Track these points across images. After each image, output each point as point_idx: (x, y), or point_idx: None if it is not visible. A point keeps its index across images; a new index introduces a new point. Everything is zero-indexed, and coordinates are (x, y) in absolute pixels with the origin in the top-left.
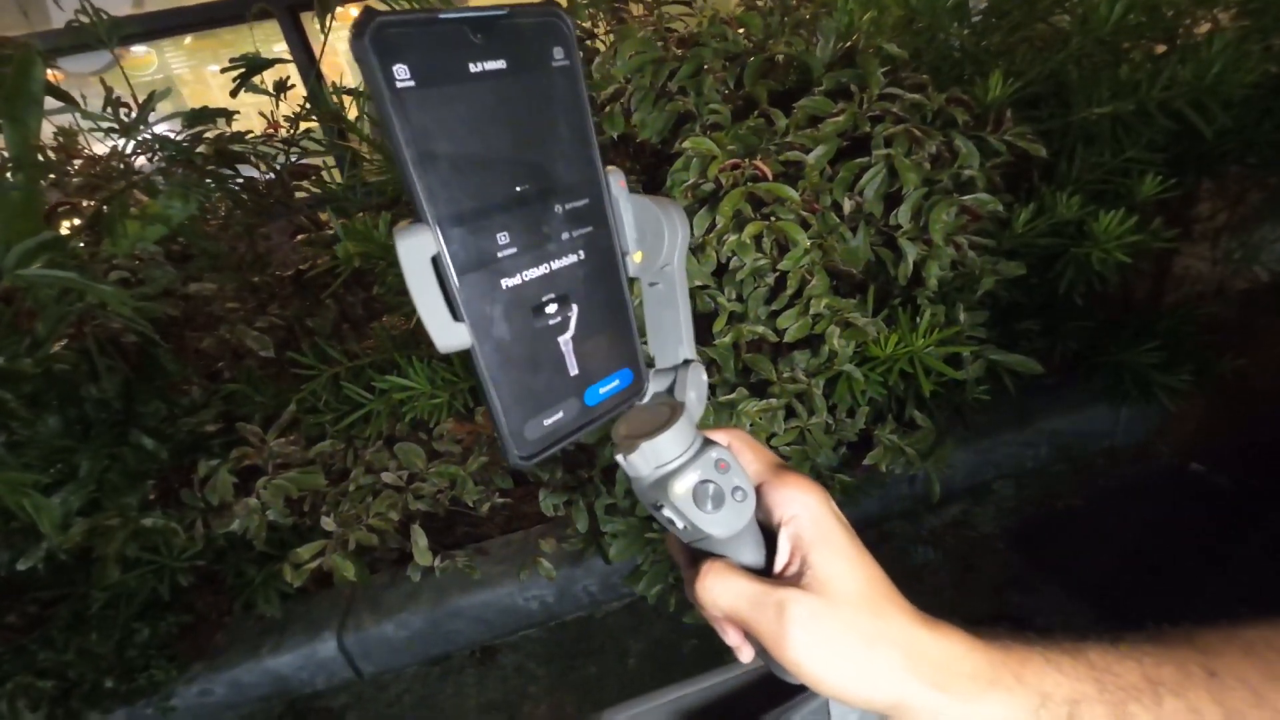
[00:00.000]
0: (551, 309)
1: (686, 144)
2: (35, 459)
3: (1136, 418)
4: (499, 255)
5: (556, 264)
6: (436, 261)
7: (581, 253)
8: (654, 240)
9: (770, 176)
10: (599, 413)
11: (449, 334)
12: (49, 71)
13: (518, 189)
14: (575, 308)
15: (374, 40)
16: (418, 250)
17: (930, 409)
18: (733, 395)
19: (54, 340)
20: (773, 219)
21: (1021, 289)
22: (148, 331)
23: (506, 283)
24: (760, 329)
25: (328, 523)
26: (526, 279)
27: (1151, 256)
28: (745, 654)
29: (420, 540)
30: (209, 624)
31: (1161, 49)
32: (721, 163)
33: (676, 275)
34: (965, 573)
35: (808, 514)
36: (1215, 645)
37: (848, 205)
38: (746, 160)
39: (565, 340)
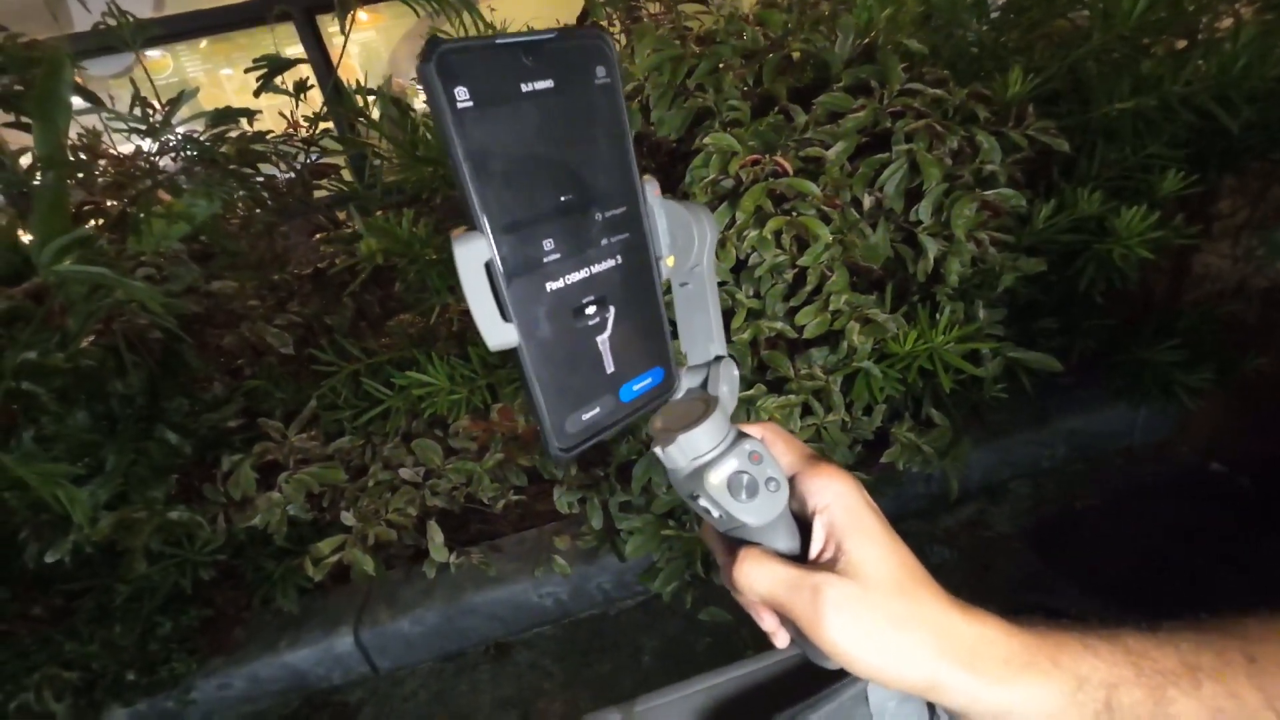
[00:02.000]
0: (591, 310)
1: (707, 140)
2: (64, 453)
3: (1156, 417)
4: (545, 260)
5: (596, 268)
6: (489, 267)
7: (619, 257)
8: (684, 243)
9: (791, 172)
10: (633, 408)
11: (499, 333)
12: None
13: (562, 199)
14: (612, 309)
15: (439, 65)
16: (473, 256)
17: (947, 407)
18: (751, 392)
19: (83, 336)
20: (793, 214)
21: (1040, 286)
22: (174, 328)
23: (551, 286)
24: (779, 325)
25: (347, 517)
26: (569, 282)
27: (1172, 254)
28: (781, 639)
29: (436, 536)
30: (228, 618)
31: (1183, 44)
32: (742, 159)
33: (706, 275)
34: (982, 573)
35: (841, 502)
36: (1254, 632)
37: (867, 201)
38: (767, 156)
39: (603, 340)
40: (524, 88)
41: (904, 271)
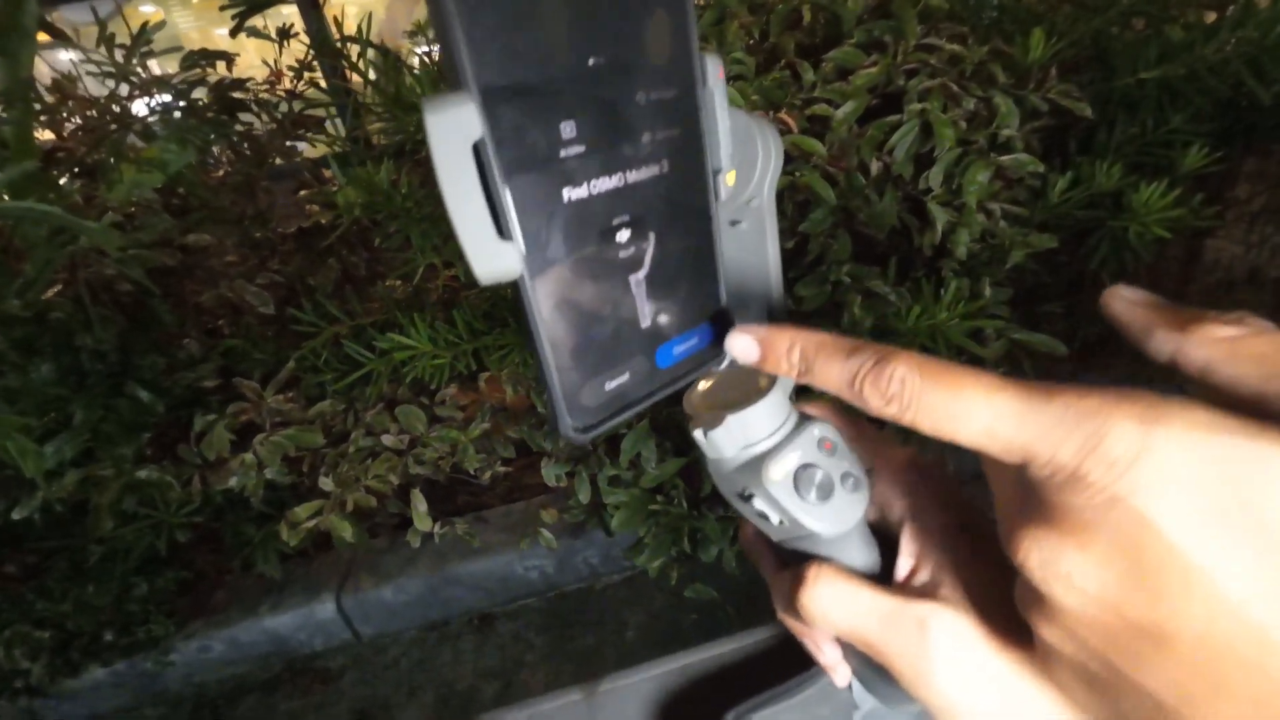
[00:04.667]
0: (623, 236)
1: None
2: (29, 407)
3: None
4: (562, 153)
5: (633, 175)
6: (479, 150)
7: (665, 163)
8: (745, 166)
9: (795, 130)
10: (671, 377)
11: (492, 257)
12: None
13: (590, 61)
14: (652, 238)
15: None
16: (455, 130)
17: None
18: None
19: (44, 283)
20: (797, 174)
21: (1048, 268)
22: (140, 279)
23: (570, 193)
24: None
25: (326, 483)
26: (595, 192)
27: (1184, 239)
28: (841, 675)
29: (420, 505)
30: (208, 582)
31: (1212, 18)
32: None
33: (767, 213)
34: None
35: (939, 510)
36: None
37: (875, 167)
38: (770, 113)
39: (638, 280)
40: None
41: (908, 245)
